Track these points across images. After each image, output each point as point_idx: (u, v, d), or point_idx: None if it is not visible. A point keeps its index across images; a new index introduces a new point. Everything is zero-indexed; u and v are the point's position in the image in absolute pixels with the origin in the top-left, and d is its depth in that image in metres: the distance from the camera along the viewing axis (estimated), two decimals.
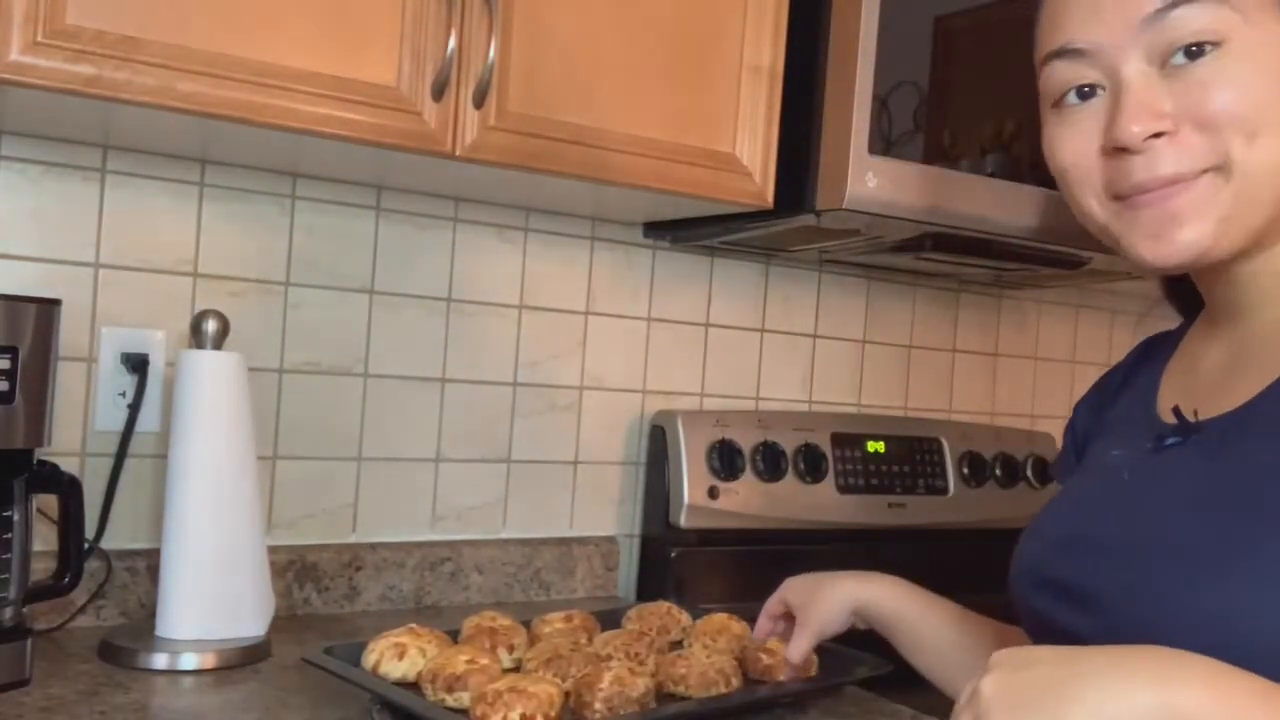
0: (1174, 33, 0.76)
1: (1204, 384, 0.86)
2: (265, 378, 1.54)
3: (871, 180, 1.48)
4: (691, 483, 1.75)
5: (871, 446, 1.94)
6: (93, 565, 1.40)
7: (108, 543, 1.43)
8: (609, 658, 1.26)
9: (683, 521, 1.75)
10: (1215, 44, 0.76)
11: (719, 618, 1.42)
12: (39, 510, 1.27)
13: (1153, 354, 0.97)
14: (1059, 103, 0.83)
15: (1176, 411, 0.84)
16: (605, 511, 1.84)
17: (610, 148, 1.42)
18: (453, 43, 1.29)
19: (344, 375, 1.61)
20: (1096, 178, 0.81)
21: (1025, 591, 0.91)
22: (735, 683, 1.24)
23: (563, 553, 1.78)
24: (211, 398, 1.33)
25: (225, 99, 1.19)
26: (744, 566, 1.79)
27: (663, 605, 1.47)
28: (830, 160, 1.49)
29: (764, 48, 1.52)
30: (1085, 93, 0.81)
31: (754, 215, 1.60)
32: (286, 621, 1.49)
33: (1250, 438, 0.78)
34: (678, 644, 1.39)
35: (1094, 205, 0.83)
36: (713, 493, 1.76)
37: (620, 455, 1.85)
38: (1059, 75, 0.82)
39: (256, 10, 1.20)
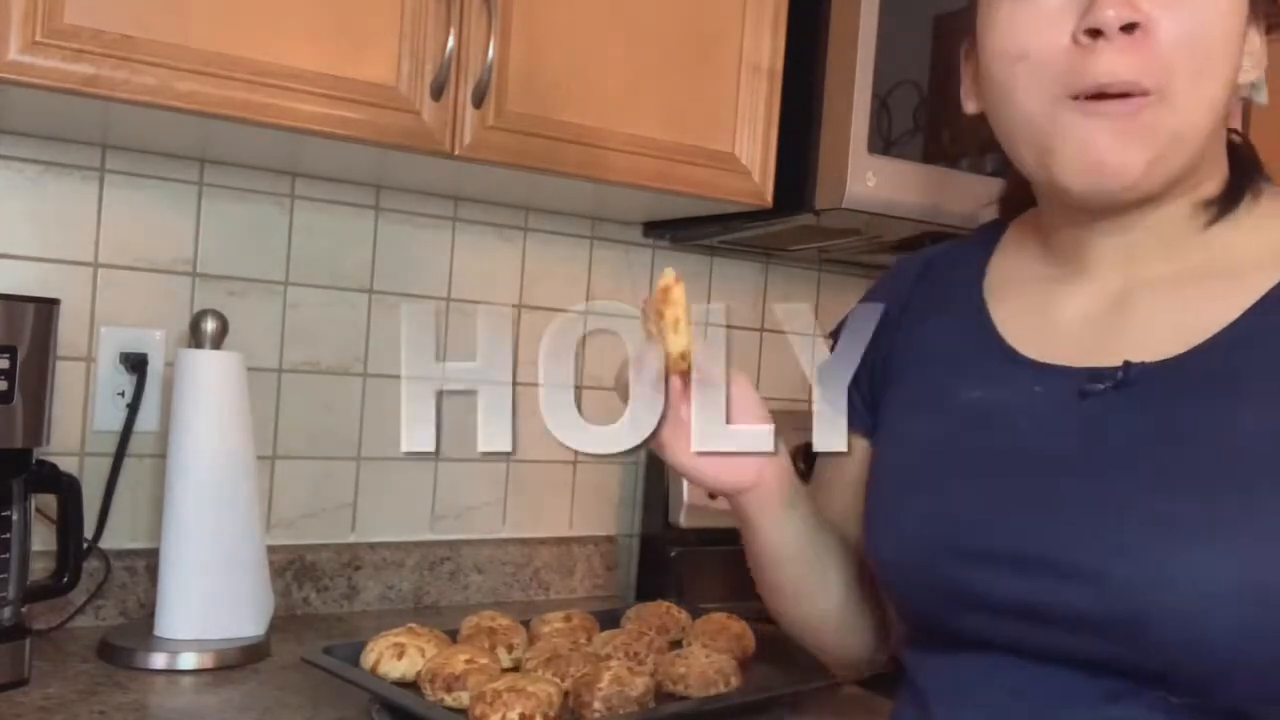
0: None
1: (1069, 329, 0.83)
2: (264, 377, 1.54)
3: (871, 180, 1.48)
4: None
5: None
6: (92, 565, 1.40)
7: (107, 542, 1.43)
8: (608, 657, 1.26)
9: (683, 521, 1.74)
10: None
11: (719, 618, 1.41)
12: (38, 510, 1.27)
13: (948, 276, 0.92)
14: None
15: (1126, 362, 0.79)
16: (605, 511, 1.84)
17: (610, 147, 1.42)
18: (452, 42, 1.29)
19: (343, 375, 1.61)
20: (1054, 72, 0.77)
21: (939, 566, 0.83)
22: (735, 683, 1.24)
23: (562, 552, 1.78)
24: (210, 397, 1.33)
25: (224, 98, 1.19)
26: (744, 566, 1.77)
27: (662, 605, 1.47)
28: (830, 159, 1.49)
29: (763, 46, 1.52)
30: None
31: (754, 215, 1.60)
32: (285, 621, 1.49)
33: (1189, 394, 0.75)
34: (677, 644, 1.38)
35: (1036, 106, 0.78)
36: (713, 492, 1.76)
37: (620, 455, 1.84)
38: None
39: (256, 10, 1.20)
